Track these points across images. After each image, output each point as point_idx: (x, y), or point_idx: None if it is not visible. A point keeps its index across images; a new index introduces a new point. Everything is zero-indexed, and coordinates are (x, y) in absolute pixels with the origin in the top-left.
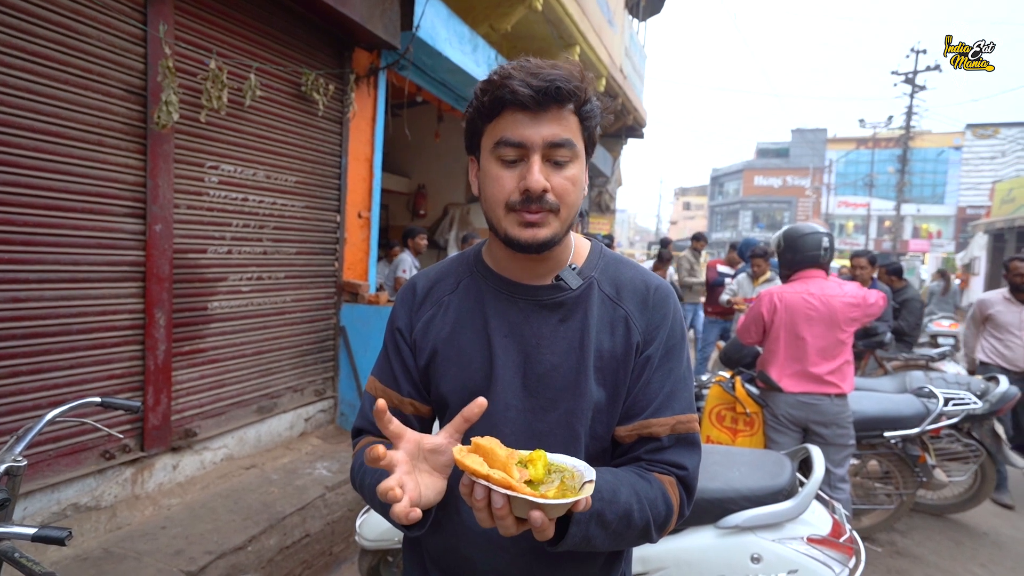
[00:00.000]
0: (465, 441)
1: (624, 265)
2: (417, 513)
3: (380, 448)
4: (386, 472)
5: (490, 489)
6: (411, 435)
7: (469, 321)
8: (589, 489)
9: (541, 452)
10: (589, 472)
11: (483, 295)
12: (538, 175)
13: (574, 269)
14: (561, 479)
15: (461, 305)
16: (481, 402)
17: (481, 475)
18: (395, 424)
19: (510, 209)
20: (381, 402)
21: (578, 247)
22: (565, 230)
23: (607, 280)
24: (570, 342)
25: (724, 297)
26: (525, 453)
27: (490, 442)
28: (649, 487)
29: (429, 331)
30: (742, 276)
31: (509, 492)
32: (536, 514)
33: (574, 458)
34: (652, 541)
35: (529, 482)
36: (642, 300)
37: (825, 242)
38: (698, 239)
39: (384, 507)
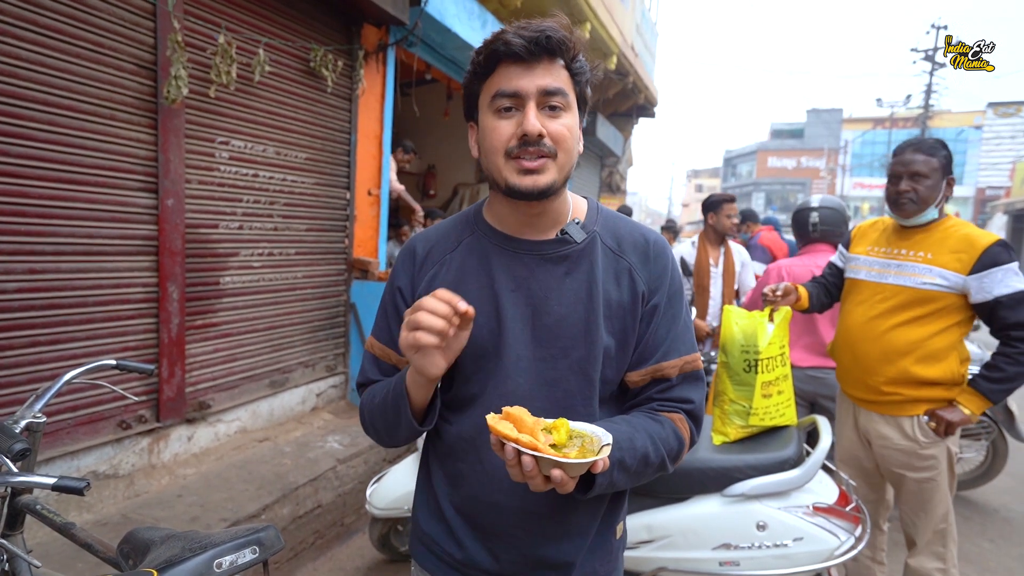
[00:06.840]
0: (497, 411)
1: (621, 220)
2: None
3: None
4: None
5: (519, 451)
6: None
7: (473, 277)
8: (606, 451)
9: (564, 420)
10: (606, 436)
11: (486, 251)
12: (534, 120)
13: (578, 223)
14: (582, 443)
15: (464, 262)
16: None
17: (512, 439)
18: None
19: (509, 156)
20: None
21: (576, 203)
22: (563, 178)
23: (608, 234)
24: (577, 293)
25: None
26: (549, 421)
27: (519, 411)
28: (661, 428)
29: (432, 289)
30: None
31: (536, 453)
32: (556, 472)
33: (593, 425)
34: (668, 472)
35: (553, 446)
36: (643, 253)
37: (813, 217)
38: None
39: (399, 409)
